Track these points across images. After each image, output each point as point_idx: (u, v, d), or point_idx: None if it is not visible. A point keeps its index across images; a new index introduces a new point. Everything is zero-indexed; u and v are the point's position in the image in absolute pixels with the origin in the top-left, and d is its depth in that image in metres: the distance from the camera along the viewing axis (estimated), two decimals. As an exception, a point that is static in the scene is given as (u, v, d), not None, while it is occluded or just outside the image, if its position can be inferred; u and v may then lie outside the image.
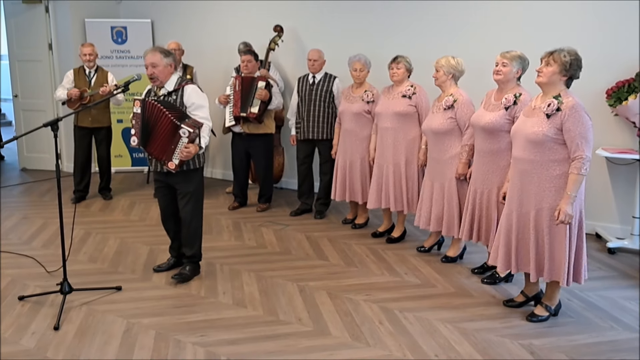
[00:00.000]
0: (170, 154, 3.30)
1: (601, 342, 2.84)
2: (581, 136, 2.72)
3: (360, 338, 2.86)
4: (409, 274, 3.72)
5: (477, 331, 2.93)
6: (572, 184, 2.74)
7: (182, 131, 3.24)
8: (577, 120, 2.72)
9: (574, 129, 2.72)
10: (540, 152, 2.82)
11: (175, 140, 3.27)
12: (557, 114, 2.76)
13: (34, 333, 2.89)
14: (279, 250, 4.18)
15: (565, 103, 2.76)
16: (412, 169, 4.12)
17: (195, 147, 3.28)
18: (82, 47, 5.24)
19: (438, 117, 3.72)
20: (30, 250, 4.11)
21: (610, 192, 4.43)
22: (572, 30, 4.33)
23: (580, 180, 2.74)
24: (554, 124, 2.77)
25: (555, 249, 2.88)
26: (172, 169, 3.33)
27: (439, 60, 3.73)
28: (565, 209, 2.75)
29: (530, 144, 2.85)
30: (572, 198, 2.75)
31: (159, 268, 3.73)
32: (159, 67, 3.31)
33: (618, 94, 4.10)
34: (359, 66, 4.35)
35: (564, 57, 2.77)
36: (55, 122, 3.06)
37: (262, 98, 4.75)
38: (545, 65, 2.83)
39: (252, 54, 4.89)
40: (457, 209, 3.73)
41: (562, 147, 2.79)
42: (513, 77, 3.28)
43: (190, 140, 3.25)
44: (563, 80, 2.81)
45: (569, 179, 2.75)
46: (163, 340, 2.83)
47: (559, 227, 2.83)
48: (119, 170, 6.72)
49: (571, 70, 2.79)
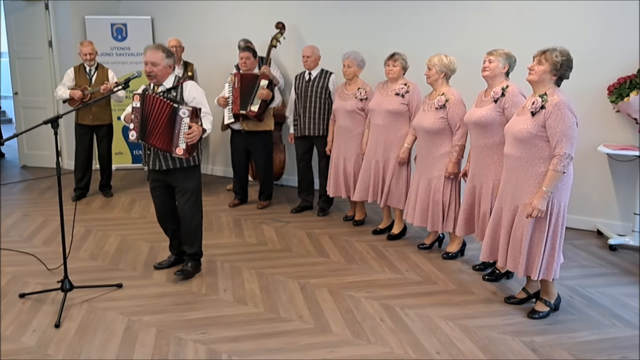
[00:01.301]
0: (176, 139, 3.23)
1: (603, 339, 2.83)
2: (562, 133, 2.73)
3: (361, 335, 2.85)
4: (410, 271, 3.71)
5: (479, 328, 2.92)
6: (549, 180, 2.77)
7: (182, 111, 3.18)
8: (559, 117, 2.74)
9: (555, 126, 2.74)
10: (526, 149, 2.86)
11: (177, 124, 3.20)
12: (541, 112, 2.80)
13: (34, 330, 2.89)
14: (280, 247, 4.18)
15: (549, 101, 2.79)
16: (403, 165, 4.15)
17: (198, 128, 3.21)
18: (82, 47, 5.19)
19: (430, 116, 3.74)
20: (31, 248, 4.11)
21: (611, 188, 4.42)
22: (572, 27, 4.32)
23: (557, 177, 2.76)
24: (538, 122, 2.80)
25: (533, 244, 2.91)
26: (181, 154, 3.25)
27: (431, 59, 3.75)
28: (536, 204, 2.79)
29: (516, 141, 2.90)
30: (546, 193, 2.78)
31: (160, 265, 3.73)
32: (159, 66, 3.28)
33: (619, 91, 4.08)
34: (347, 62, 4.38)
35: (556, 57, 2.79)
36: (56, 120, 3.05)
37: (264, 97, 4.73)
38: (537, 63, 2.86)
39: (250, 50, 4.86)
40: (440, 206, 3.80)
41: (547, 144, 2.82)
42: (500, 73, 3.33)
43: (192, 120, 3.19)
44: (553, 79, 2.85)
45: (547, 174, 2.79)
46: (164, 337, 2.83)
47: (540, 223, 2.86)
48: (119, 168, 6.71)
49: (561, 70, 2.82)
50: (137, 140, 3.34)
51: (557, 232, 2.88)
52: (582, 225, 4.54)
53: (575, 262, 3.86)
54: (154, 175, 3.53)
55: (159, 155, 3.39)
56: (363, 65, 4.44)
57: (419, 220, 3.91)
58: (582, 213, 4.50)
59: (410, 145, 4.07)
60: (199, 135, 3.23)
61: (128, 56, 6.59)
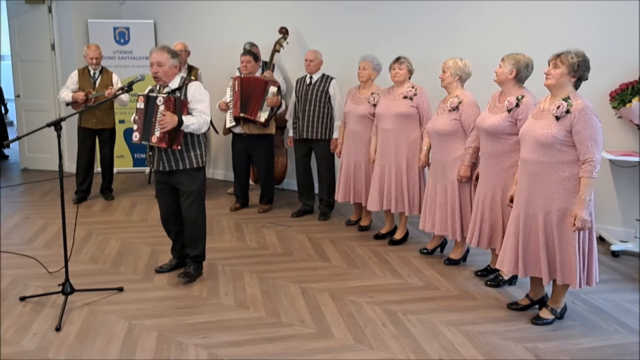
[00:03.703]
0: (153, 127, 3.21)
1: (606, 345, 2.82)
2: (591, 139, 2.71)
3: (363, 340, 2.84)
4: (412, 276, 3.70)
5: (481, 334, 2.91)
6: (585, 188, 2.73)
7: (158, 99, 3.17)
8: (586, 122, 2.71)
9: (583, 131, 2.71)
10: (549, 154, 2.81)
11: (154, 113, 3.18)
12: (566, 116, 2.75)
13: (35, 334, 2.88)
14: (281, 251, 4.17)
15: (574, 105, 2.75)
16: (414, 171, 4.10)
17: (172, 115, 3.15)
18: (88, 50, 5.16)
19: (443, 118, 3.70)
20: (32, 251, 4.10)
21: (613, 194, 4.41)
22: (574, 32, 4.32)
23: (593, 184, 2.73)
24: (564, 126, 2.76)
25: (565, 252, 2.86)
26: (155, 142, 3.22)
27: (446, 62, 3.72)
28: (582, 215, 2.73)
29: (539, 146, 2.84)
30: (586, 202, 2.73)
31: (161, 269, 3.72)
32: (164, 67, 3.29)
33: (622, 96, 4.09)
34: (363, 64, 4.35)
35: (572, 59, 2.76)
36: (59, 122, 3.04)
37: (274, 104, 4.73)
38: (553, 67, 2.82)
39: (251, 54, 4.86)
40: (459, 212, 3.71)
41: (571, 149, 2.78)
42: (507, 78, 3.26)
43: (168, 109, 3.15)
44: (572, 81, 2.81)
45: (581, 183, 2.74)
46: (165, 341, 2.81)
47: (568, 229, 2.81)
48: (120, 171, 6.71)
49: (579, 71, 2.78)
50: (140, 142, 3.34)
51: (591, 238, 2.85)
52: (584, 231, 4.52)
53: (577, 268, 3.85)
54: (158, 177, 3.54)
55: (162, 157, 3.38)
56: (379, 69, 4.40)
57: (439, 228, 3.80)
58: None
59: (428, 148, 3.96)
60: (171, 124, 3.16)
61: (130, 60, 6.60)
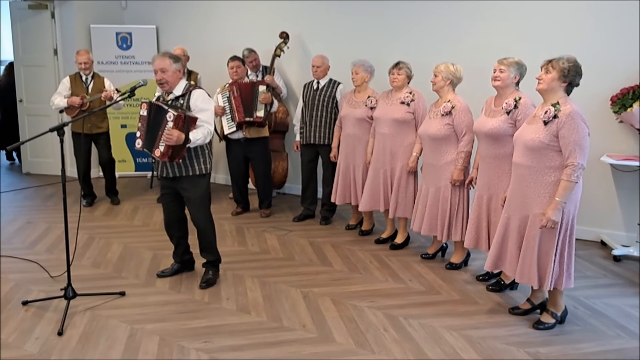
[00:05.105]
0: (158, 141, 3.22)
1: (608, 350, 2.82)
2: (575, 143, 2.73)
3: (364, 345, 2.84)
4: (413, 280, 3.70)
5: (483, 339, 2.91)
6: (562, 190, 2.76)
7: (168, 115, 3.17)
8: (572, 127, 2.73)
9: (568, 135, 2.74)
10: (537, 158, 2.85)
11: (162, 126, 3.19)
12: (553, 121, 2.79)
13: (37, 338, 2.88)
14: (283, 256, 4.17)
15: (562, 110, 2.78)
16: (409, 174, 4.15)
17: (179, 134, 3.16)
18: (78, 56, 5.20)
19: (435, 122, 3.75)
20: (34, 255, 4.11)
21: (615, 199, 4.42)
22: (574, 37, 4.33)
23: (571, 187, 2.76)
24: (550, 131, 2.80)
25: (542, 254, 2.90)
26: (158, 156, 3.23)
27: (438, 66, 3.77)
28: (550, 215, 2.77)
29: (527, 150, 2.89)
30: (560, 204, 2.77)
31: (163, 273, 3.72)
32: (168, 72, 3.31)
33: (623, 101, 4.09)
34: (355, 69, 4.40)
35: (563, 64, 2.80)
36: (62, 127, 3.06)
37: (266, 101, 4.82)
38: (544, 72, 2.86)
39: (239, 59, 4.98)
40: (448, 214, 3.78)
41: (558, 154, 2.81)
42: (511, 83, 3.31)
43: (177, 126, 3.15)
44: (563, 86, 2.84)
45: (560, 185, 2.78)
46: (167, 346, 2.82)
47: (549, 233, 2.85)
48: (122, 175, 6.71)
49: (570, 76, 2.81)
50: (142, 149, 3.35)
51: (566, 241, 2.87)
52: (586, 236, 4.52)
53: (579, 273, 3.83)
54: (163, 183, 3.56)
55: (166, 163, 3.39)
56: (371, 71, 4.43)
57: (427, 229, 3.88)
58: (585, 223, 4.48)
59: (418, 154, 4.05)
60: (177, 141, 3.17)
61: (133, 65, 6.62)
